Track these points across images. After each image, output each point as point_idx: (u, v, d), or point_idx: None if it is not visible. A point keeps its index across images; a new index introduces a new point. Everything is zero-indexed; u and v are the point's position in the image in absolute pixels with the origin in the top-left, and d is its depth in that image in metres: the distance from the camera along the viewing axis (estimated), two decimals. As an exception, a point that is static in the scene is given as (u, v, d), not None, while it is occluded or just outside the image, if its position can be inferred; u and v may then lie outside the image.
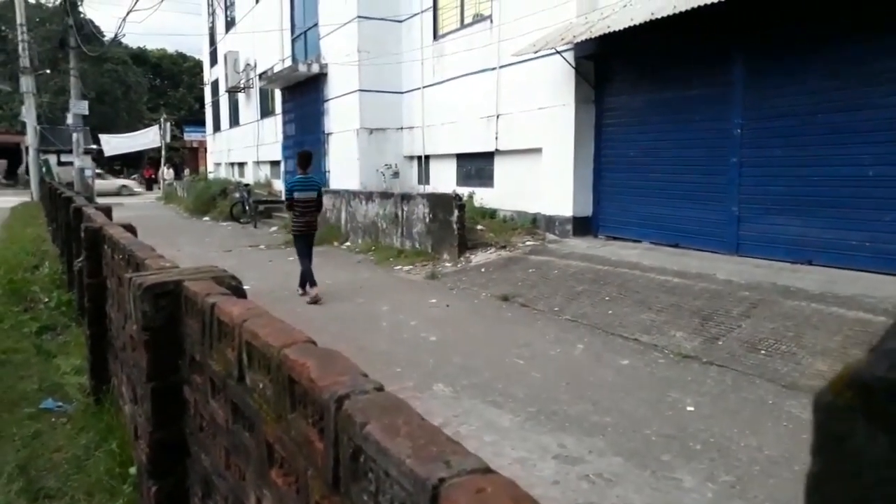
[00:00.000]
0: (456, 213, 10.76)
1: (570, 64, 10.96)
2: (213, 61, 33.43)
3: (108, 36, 36.44)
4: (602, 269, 8.78)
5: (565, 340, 6.34)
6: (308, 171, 8.50)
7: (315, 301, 8.11)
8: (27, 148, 29.82)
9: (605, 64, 11.03)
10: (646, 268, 8.55)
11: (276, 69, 21.72)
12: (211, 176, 31.19)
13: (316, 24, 19.11)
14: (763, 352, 5.56)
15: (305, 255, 8.46)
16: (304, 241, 8.50)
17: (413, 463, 0.76)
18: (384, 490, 0.82)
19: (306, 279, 8.41)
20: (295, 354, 1.18)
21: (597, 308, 7.30)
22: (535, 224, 12.18)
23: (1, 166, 42.76)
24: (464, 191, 13.77)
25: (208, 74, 35.95)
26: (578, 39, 9.49)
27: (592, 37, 9.21)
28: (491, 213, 13.26)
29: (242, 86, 27.01)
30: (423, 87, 16.09)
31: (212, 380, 1.74)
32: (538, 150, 12.13)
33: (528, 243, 11.01)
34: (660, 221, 10.20)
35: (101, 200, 30.03)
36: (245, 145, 27.63)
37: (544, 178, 11.93)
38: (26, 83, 26.84)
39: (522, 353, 5.96)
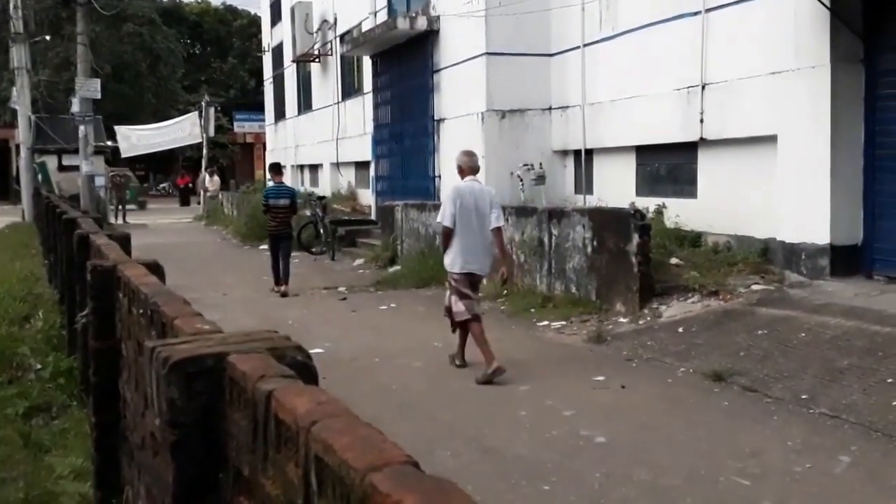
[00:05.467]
0: (636, 238, 10.64)
1: (820, 2, 10.66)
2: (276, 17, 35.32)
3: (130, -14, 39.25)
4: (881, 331, 8.48)
5: (819, 448, 6.15)
6: (280, 179, 16.13)
7: (284, 294, 13.85)
8: (18, 146, 32.28)
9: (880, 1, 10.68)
10: (956, 330, 8.18)
11: (366, 27, 22.55)
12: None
13: (423, -43, 19.74)
14: None
15: (278, 254, 14.45)
16: (278, 242, 14.57)
17: None
18: None
19: (277, 275, 14.31)
20: (387, 485, 1.16)
21: (873, 396, 7.04)
22: (767, 256, 11.86)
23: None
24: (648, 203, 13.59)
25: (268, 37, 38.02)
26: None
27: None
28: (693, 239, 13.00)
29: (317, 52, 28.25)
30: (585, 44, 16.13)
31: (267, 509, 1.76)
32: (770, 139, 11.82)
33: (755, 287, 10.77)
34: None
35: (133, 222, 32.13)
36: (319, 139, 28.81)
37: (781, 182, 11.62)
38: (18, 54, 28.99)
39: (747, 467, 5.81)
